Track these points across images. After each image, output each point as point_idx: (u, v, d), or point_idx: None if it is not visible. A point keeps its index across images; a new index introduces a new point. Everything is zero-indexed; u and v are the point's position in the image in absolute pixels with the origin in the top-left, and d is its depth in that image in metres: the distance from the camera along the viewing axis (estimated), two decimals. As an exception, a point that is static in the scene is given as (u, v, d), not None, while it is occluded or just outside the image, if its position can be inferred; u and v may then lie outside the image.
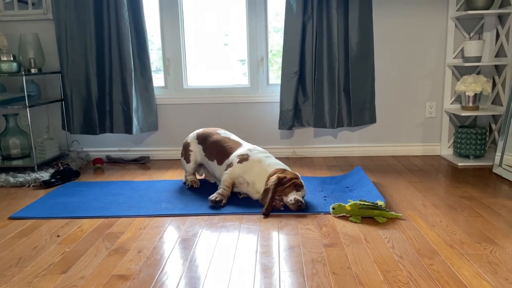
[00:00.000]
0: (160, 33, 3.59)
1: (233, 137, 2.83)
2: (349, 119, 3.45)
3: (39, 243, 2.05)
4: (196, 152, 2.84)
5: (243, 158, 2.56)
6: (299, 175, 2.46)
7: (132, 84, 3.41)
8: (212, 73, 3.75)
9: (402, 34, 3.46)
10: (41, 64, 3.43)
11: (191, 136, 2.90)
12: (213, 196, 2.45)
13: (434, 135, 3.60)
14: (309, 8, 3.29)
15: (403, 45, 3.48)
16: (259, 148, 2.68)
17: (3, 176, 3.06)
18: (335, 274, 1.69)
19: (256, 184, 2.48)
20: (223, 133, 2.86)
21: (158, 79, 3.66)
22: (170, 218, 2.33)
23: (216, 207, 2.43)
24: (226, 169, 2.58)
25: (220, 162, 2.69)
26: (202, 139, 2.84)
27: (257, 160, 2.54)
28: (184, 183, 2.90)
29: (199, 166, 2.92)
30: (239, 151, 2.63)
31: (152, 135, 3.71)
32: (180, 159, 3.00)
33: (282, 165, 2.54)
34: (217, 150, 2.73)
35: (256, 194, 2.50)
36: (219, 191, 2.50)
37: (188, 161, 2.86)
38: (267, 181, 2.43)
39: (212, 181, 2.91)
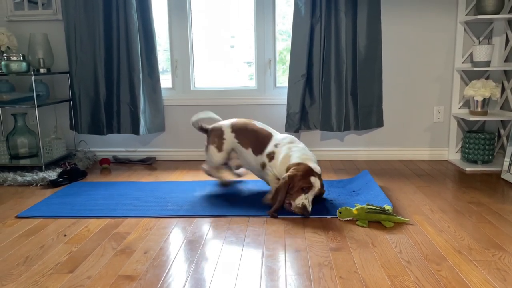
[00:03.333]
0: (168, 34, 3.60)
1: (267, 128, 2.74)
2: (356, 122, 3.44)
3: (46, 242, 2.06)
4: (230, 141, 2.71)
5: (271, 157, 2.55)
6: (314, 168, 2.38)
7: (140, 85, 3.43)
8: (219, 75, 3.75)
9: (410, 37, 3.45)
10: (50, 64, 3.45)
11: (225, 124, 2.76)
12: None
13: (441, 139, 3.58)
14: (318, 11, 3.28)
15: (412, 49, 3.47)
16: (287, 139, 2.59)
17: (11, 175, 3.08)
18: (342, 278, 1.68)
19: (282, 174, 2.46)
20: (258, 124, 2.76)
21: (165, 80, 3.67)
22: (177, 219, 2.33)
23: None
24: (262, 168, 2.59)
25: (255, 152, 2.64)
26: (237, 129, 2.72)
27: (282, 156, 2.50)
28: (220, 184, 2.85)
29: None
30: (268, 149, 2.59)
31: (159, 136, 3.72)
32: (185, 160, 2.99)
33: (305, 155, 2.45)
34: (254, 139, 2.65)
35: (275, 182, 2.49)
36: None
37: (220, 150, 2.71)
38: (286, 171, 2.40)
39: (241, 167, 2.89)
